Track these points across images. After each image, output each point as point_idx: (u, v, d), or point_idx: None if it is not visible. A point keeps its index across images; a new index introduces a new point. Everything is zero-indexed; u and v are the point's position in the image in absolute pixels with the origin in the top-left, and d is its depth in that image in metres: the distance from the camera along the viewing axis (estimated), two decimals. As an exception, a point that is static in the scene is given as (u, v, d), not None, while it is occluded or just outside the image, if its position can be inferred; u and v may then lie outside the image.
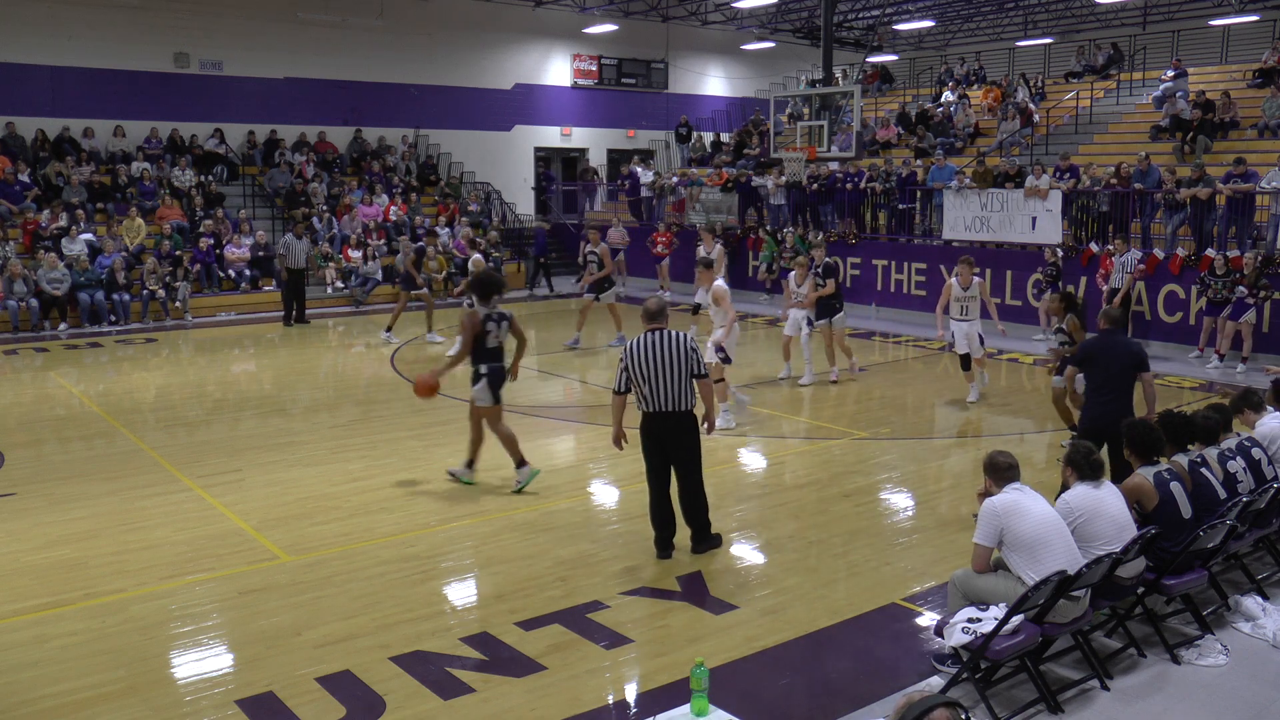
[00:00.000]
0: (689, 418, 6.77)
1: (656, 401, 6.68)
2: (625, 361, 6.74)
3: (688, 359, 6.66)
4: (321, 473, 9.02)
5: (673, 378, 6.63)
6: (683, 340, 6.71)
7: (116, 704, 5.07)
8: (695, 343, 6.78)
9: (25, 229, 18.57)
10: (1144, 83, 22.58)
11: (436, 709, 5.04)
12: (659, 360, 6.63)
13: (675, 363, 6.63)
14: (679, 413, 6.71)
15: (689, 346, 6.70)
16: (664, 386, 6.64)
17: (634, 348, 6.71)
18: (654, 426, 6.78)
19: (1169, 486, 5.79)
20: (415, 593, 6.42)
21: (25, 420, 11.15)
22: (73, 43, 21.21)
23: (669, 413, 6.69)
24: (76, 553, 7.08)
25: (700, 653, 5.44)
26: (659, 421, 6.74)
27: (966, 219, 17.53)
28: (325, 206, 21.92)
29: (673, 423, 6.73)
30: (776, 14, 28.62)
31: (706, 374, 6.77)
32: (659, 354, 6.64)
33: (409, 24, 25.29)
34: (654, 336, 6.72)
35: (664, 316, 6.84)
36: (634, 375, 6.71)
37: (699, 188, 23.99)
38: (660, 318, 6.82)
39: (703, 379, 6.74)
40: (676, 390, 6.65)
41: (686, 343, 6.70)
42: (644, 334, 6.77)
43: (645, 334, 6.76)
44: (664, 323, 6.82)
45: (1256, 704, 5.14)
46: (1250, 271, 13.54)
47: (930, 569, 6.77)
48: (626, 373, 6.74)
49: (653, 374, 6.64)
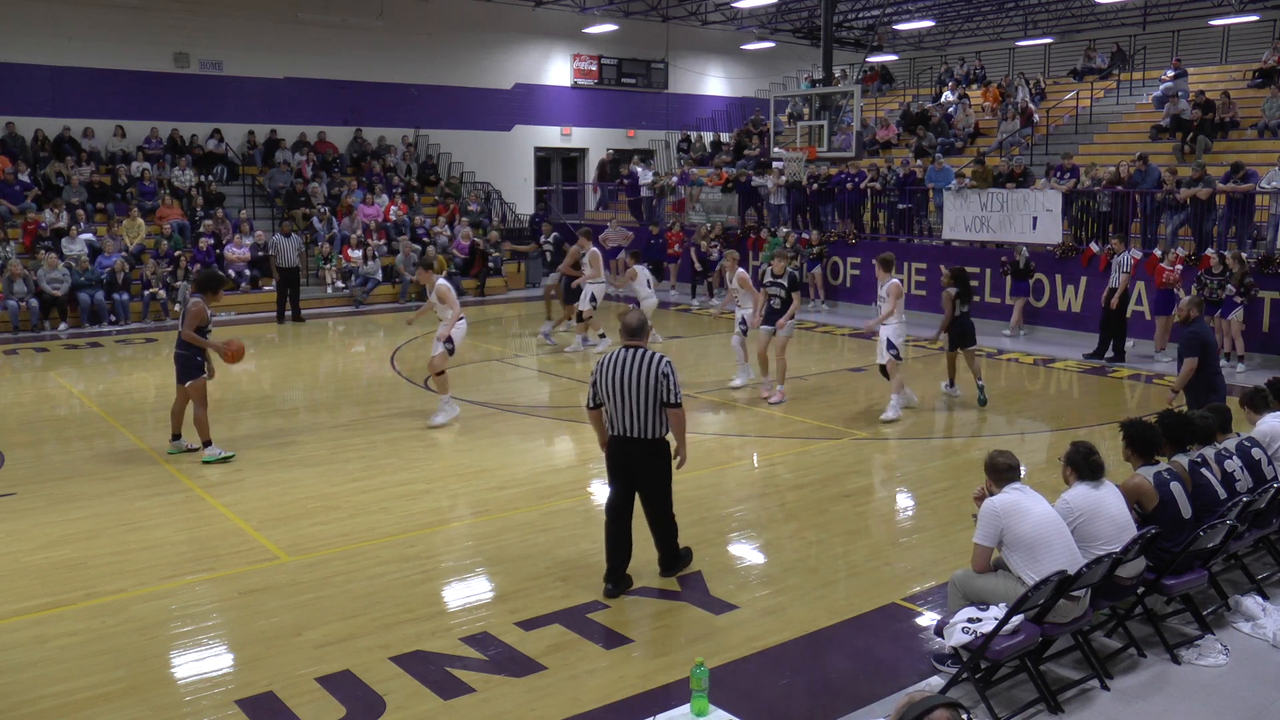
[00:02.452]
0: (658, 445, 6.28)
1: (621, 424, 6.23)
2: (595, 376, 6.33)
3: (657, 384, 6.13)
4: (321, 473, 9.02)
5: (639, 401, 6.14)
6: (655, 362, 6.17)
7: (116, 704, 5.07)
8: (670, 368, 6.21)
9: (25, 229, 18.58)
10: (1144, 83, 22.60)
11: (436, 709, 5.04)
12: (627, 381, 6.15)
13: (643, 386, 6.13)
14: (645, 440, 6.22)
15: (661, 371, 6.14)
16: (629, 409, 6.16)
17: (604, 363, 6.29)
18: (620, 451, 6.32)
19: (1169, 486, 5.79)
20: (415, 593, 6.42)
21: (25, 420, 11.15)
22: (73, 43, 21.22)
23: (633, 439, 6.22)
24: (76, 553, 7.08)
25: (700, 653, 5.44)
26: (625, 447, 6.28)
27: (966, 219, 17.54)
28: (325, 206, 21.93)
29: (640, 450, 6.25)
30: (776, 14, 28.63)
31: (679, 403, 6.23)
32: (628, 374, 6.15)
33: (409, 24, 25.29)
34: (627, 355, 6.23)
35: (644, 334, 6.36)
36: (601, 393, 6.29)
37: (699, 188, 24.00)
38: (639, 335, 6.33)
39: (674, 408, 6.22)
40: (642, 415, 6.16)
41: (659, 366, 6.16)
42: (618, 350, 6.31)
43: (619, 350, 6.30)
44: (642, 341, 6.33)
45: (1256, 704, 5.14)
46: (1237, 271, 13.53)
47: (930, 569, 6.77)
48: (595, 388, 6.33)
49: (618, 394, 6.18)
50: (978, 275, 17.44)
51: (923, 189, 19.16)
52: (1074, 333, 15.83)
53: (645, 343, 6.35)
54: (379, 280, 20.80)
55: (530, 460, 9.39)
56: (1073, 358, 14.42)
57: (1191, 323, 8.96)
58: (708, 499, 8.31)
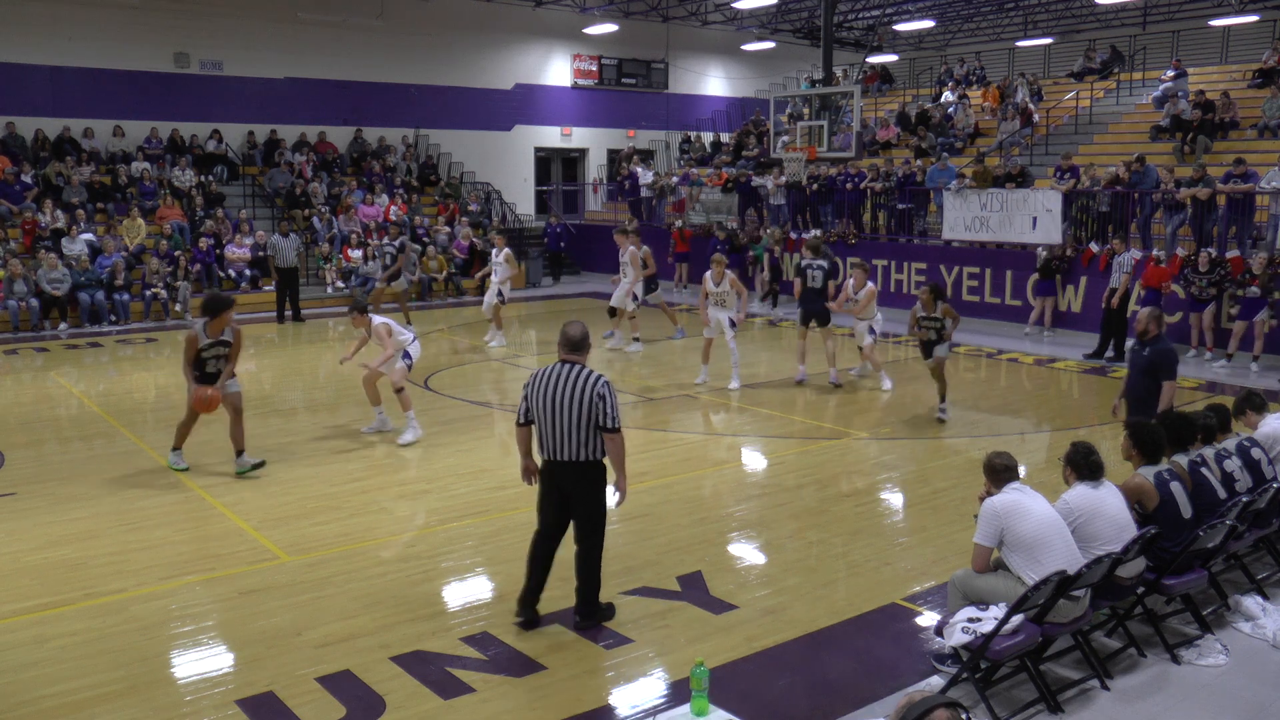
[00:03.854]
0: (589, 469, 5.71)
1: (551, 445, 5.68)
2: (526, 390, 5.78)
3: (591, 405, 5.56)
4: (321, 473, 9.02)
5: (571, 422, 5.58)
6: (592, 382, 5.59)
7: (116, 704, 5.07)
8: (608, 389, 5.63)
9: (25, 229, 18.58)
10: (1144, 83, 22.59)
11: (436, 709, 5.03)
12: (560, 399, 5.60)
13: (577, 406, 5.56)
14: (573, 463, 5.66)
15: (596, 392, 5.56)
16: (560, 429, 5.61)
17: (536, 378, 5.74)
18: (553, 474, 5.79)
19: (1169, 486, 5.79)
20: (415, 593, 6.42)
21: (25, 420, 11.15)
22: (73, 43, 21.22)
23: (563, 462, 5.68)
24: (76, 553, 7.08)
25: (700, 653, 5.44)
26: (555, 471, 5.75)
27: (966, 219, 17.54)
28: (325, 206, 21.93)
29: (568, 475, 5.71)
30: (776, 14, 28.62)
31: (616, 428, 5.63)
32: (561, 392, 5.60)
33: (409, 24, 25.29)
34: (563, 370, 5.67)
35: (584, 349, 5.77)
36: (531, 409, 5.74)
37: (699, 188, 24.00)
38: (579, 349, 5.76)
39: (611, 433, 5.63)
40: (574, 437, 5.60)
41: (596, 387, 5.57)
42: (554, 365, 5.75)
43: (555, 365, 5.74)
44: (582, 356, 5.76)
45: (1256, 704, 5.15)
46: (1261, 272, 13.51)
47: (930, 569, 6.77)
48: (526, 403, 5.79)
49: (549, 412, 5.62)
50: (978, 275, 17.46)
51: (923, 189, 19.15)
52: (1074, 332, 15.83)
53: (583, 358, 5.78)
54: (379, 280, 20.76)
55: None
56: (1073, 358, 14.42)
57: (1158, 340, 7.95)
58: (708, 499, 8.32)
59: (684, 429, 10.80)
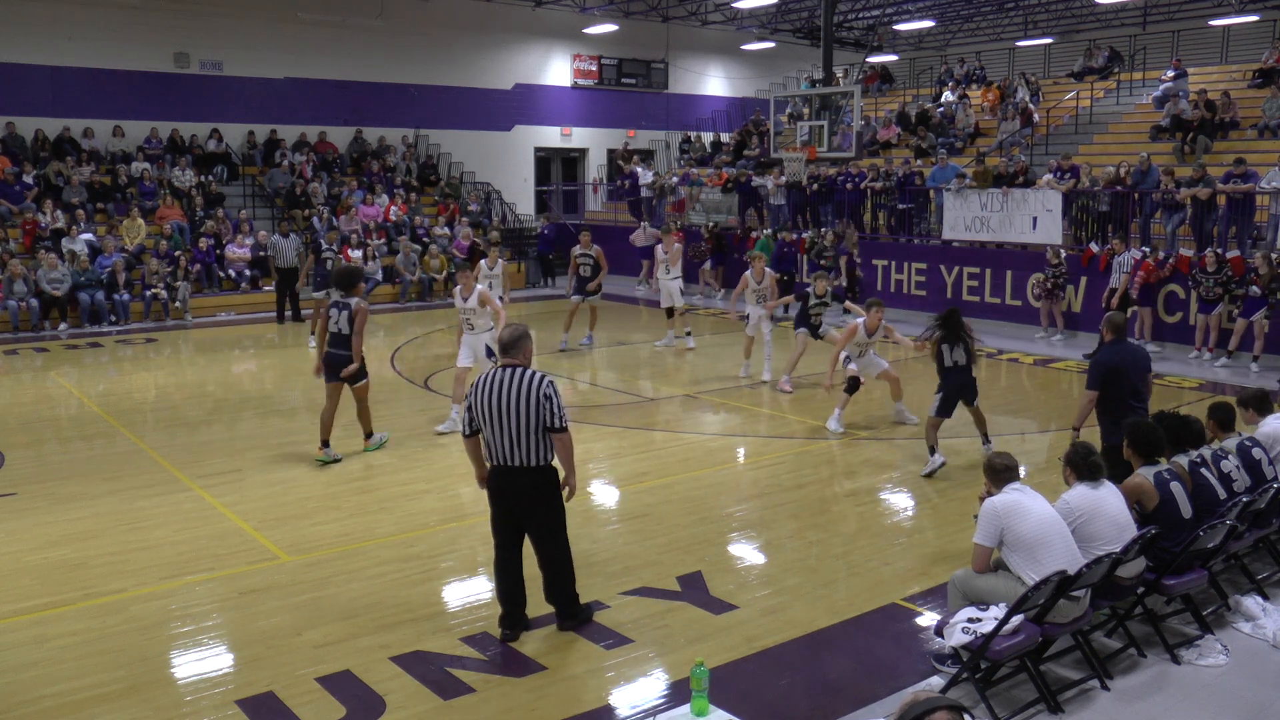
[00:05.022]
0: (541, 475, 5.61)
1: (500, 452, 5.55)
2: (469, 399, 5.67)
3: (538, 407, 5.48)
4: (321, 473, 9.02)
5: (517, 426, 5.47)
6: (536, 383, 5.50)
7: (116, 704, 5.07)
8: (553, 389, 5.55)
9: (25, 229, 18.58)
10: (1144, 83, 22.58)
11: (436, 709, 5.04)
12: (503, 403, 5.48)
13: (521, 409, 5.47)
14: (524, 468, 5.55)
15: (542, 393, 5.48)
16: (506, 435, 5.50)
17: (478, 385, 5.61)
18: (499, 483, 5.66)
19: (1169, 486, 5.79)
20: (415, 593, 6.42)
21: (25, 420, 11.15)
22: (73, 43, 21.21)
23: (511, 468, 5.57)
24: (76, 553, 7.08)
25: (700, 653, 5.45)
26: (503, 478, 5.63)
27: (966, 219, 17.53)
28: (325, 206, 21.93)
29: (521, 482, 5.59)
30: (776, 14, 28.62)
31: (564, 428, 5.57)
32: (506, 396, 5.49)
33: (409, 24, 25.28)
34: (504, 375, 5.55)
35: (518, 350, 5.67)
36: (476, 418, 5.62)
37: (699, 188, 23.99)
38: (513, 351, 5.67)
39: (559, 433, 5.57)
40: (520, 441, 5.50)
41: (541, 388, 5.49)
42: (494, 370, 5.63)
43: (495, 370, 5.63)
44: (518, 358, 5.65)
45: (1256, 704, 5.14)
46: (1265, 272, 13.50)
47: (930, 569, 6.77)
48: (470, 413, 5.66)
49: (495, 419, 5.50)
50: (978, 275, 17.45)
51: (923, 189, 19.14)
52: (1074, 332, 15.83)
53: (521, 360, 5.67)
54: (379, 280, 20.79)
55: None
56: (1073, 358, 14.42)
57: (1101, 348, 7.48)
58: (708, 499, 8.32)
59: (684, 429, 10.80)
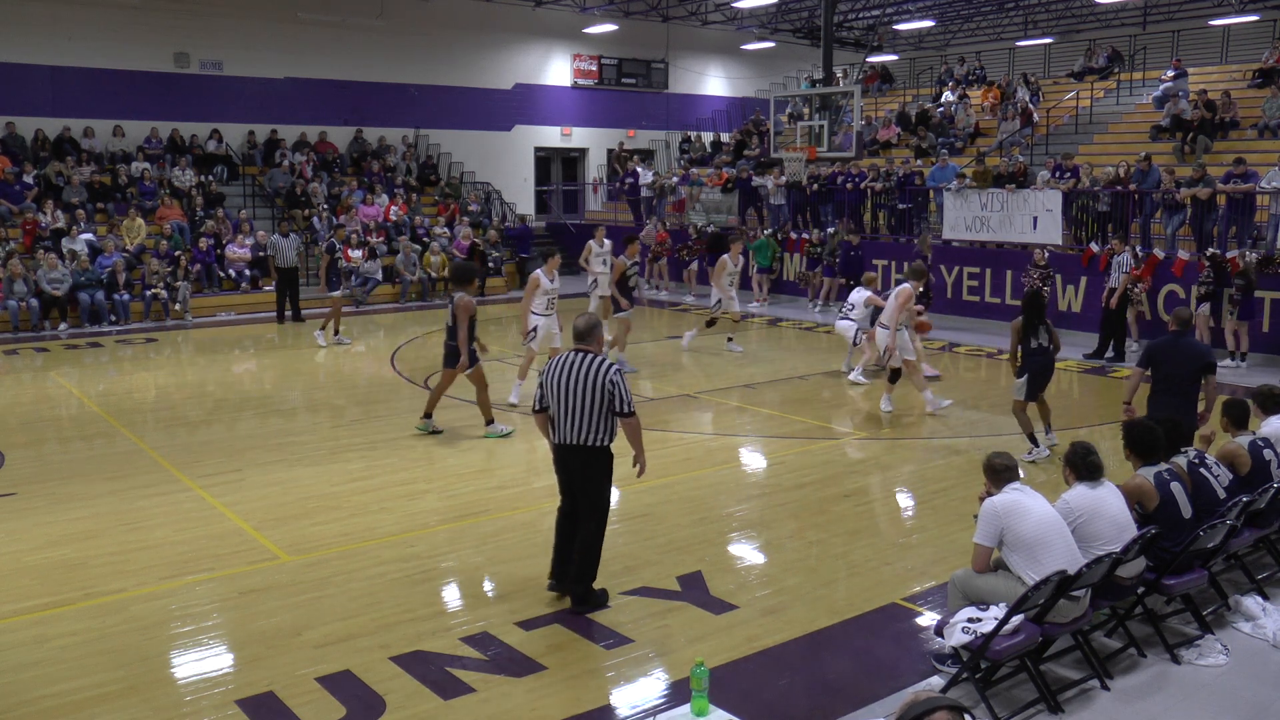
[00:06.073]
0: (595, 454, 6.02)
1: (563, 431, 6.01)
2: (541, 379, 6.13)
3: (603, 391, 5.91)
4: (321, 473, 9.01)
5: (583, 408, 5.91)
6: (604, 370, 5.95)
7: (116, 704, 5.07)
8: (619, 376, 6.00)
9: (25, 229, 18.58)
10: (1144, 83, 22.59)
11: (436, 709, 5.03)
12: (573, 386, 5.93)
13: (589, 392, 5.90)
14: (585, 448, 5.98)
15: (610, 379, 5.92)
16: (572, 416, 5.94)
17: (551, 366, 6.10)
18: (562, 458, 6.14)
19: (1170, 486, 5.80)
20: (415, 593, 6.42)
21: (25, 420, 11.15)
22: (73, 43, 21.23)
23: (573, 446, 6.00)
24: (76, 553, 7.07)
25: (700, 653, 5.44)
26: (565, 454, 6.09)
27: (966, 219, 17.54)
28: (325, 206, 21.93)
29: (580, 459, 6.03)
30: (776, 14, 28.63)
31: (632, 412, 6.01)
32: (574, 379, 5.94)
33: (409, 24, 25.29)
34: (575, 359, 6.03)
35: (592, 338, 6.13)
36: (546, 396, 6.09)
37: (699, 188, 24.00)
38: (588, 339, 6.12)
39: (627, 418, 6.01)
40: (585, 422, 5.93)
41: (608, 374, 5.94)
42: (567, 354, 6.10)
43: (568, 354, 6.09)
44: (591, 345, 6.11)
45: (1256, 704, 5.14)
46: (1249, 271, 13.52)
47: (930, 569, 6.77)
48: (542, 389, 6.12)
49: (563, 400, 5.96)
50: (978, 275, 17.46)
51: (923, 189, 19.14)
52: (1074, 332, 15.82)
53: (594, 347, 6.10)
54: (379, 280, 20.79)
55: (530, 460, 9.38)
56: (1073, 358, 14.41)
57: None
58: (708, 499, 8.31)
59: (684, 429, 10.80)
